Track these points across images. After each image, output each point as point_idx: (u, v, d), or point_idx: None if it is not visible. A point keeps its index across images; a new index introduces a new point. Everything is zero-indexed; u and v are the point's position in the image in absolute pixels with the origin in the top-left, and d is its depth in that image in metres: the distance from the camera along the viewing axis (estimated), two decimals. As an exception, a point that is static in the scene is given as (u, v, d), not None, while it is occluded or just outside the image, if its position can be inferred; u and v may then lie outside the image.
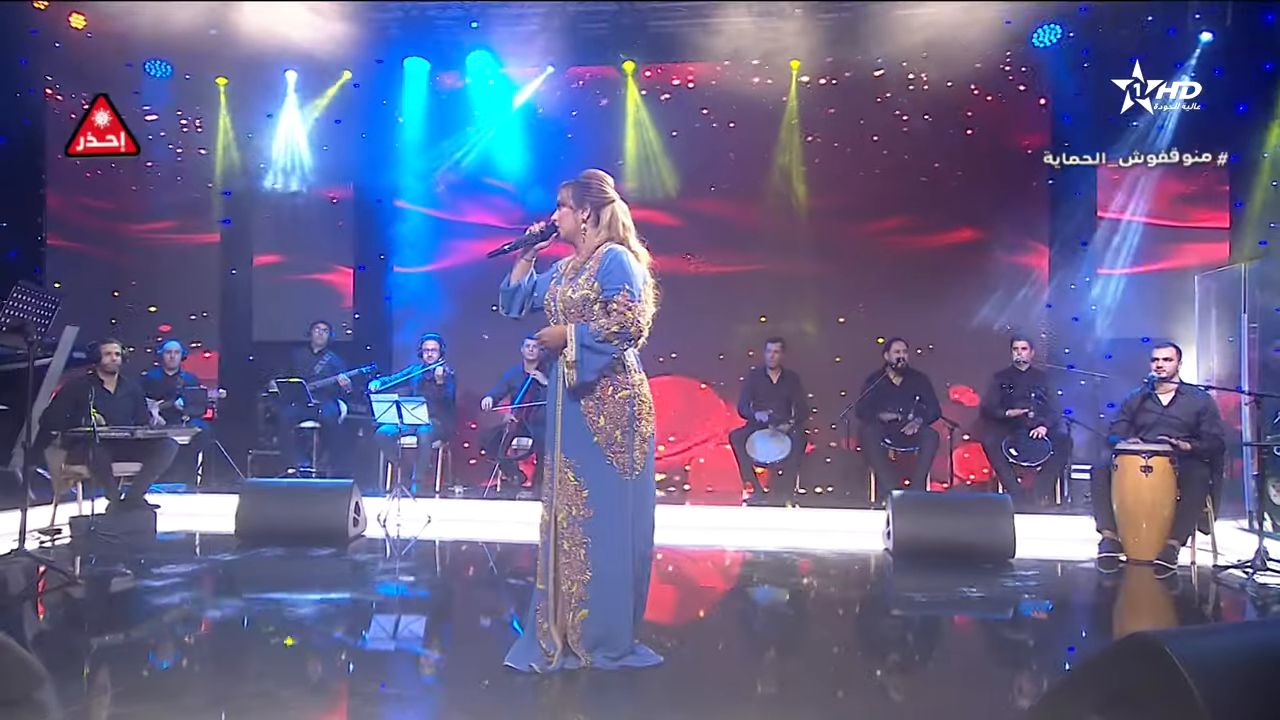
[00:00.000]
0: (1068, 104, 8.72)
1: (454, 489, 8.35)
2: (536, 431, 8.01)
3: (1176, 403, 6.17)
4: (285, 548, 6.13)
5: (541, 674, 3.44)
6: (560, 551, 3.53)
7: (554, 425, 3.56)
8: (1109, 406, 8.02)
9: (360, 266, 9.69)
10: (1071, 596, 5.57)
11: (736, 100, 9.03)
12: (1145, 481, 5.81)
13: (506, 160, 9.42)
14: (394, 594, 5.40)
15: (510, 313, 3.63)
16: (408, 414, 7.37)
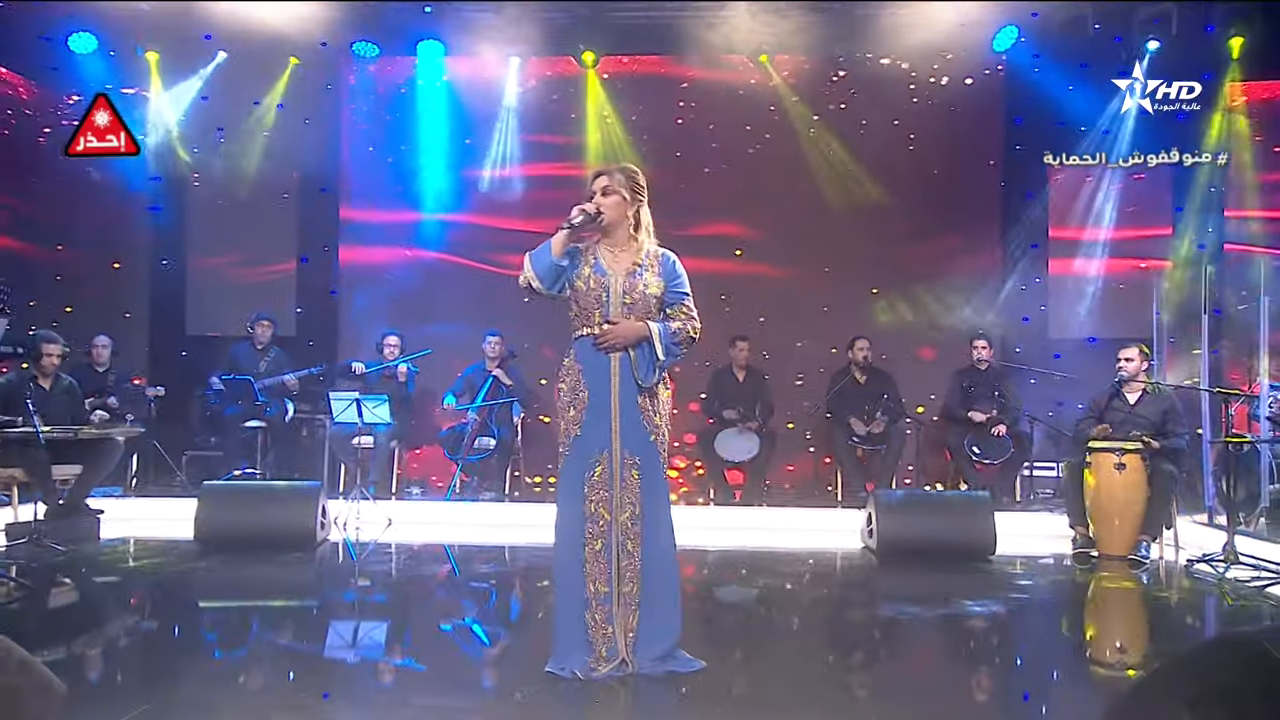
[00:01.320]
0: (1019, 105, 9.04)
1: (412, 490, 8.19)
2: (500, 432, 7.92)
3: (1143, 402, 6.44)
4: (250, 553, 5.91)
5: (585, 680, 3.39)
6: (624, 552, 3.48)
7: (610, 422, 3.50)
8: (1057, 404, 8.34)
9: (303, 258, 9.40)
10: (1060, 592, 5.73)
11: (708, 94, 9.08)
12: (1119, 479, 6.05)
13: (457, 151, 9.26)
14: (384, 600, 5.28)
15: (551, 289, 3.49)
16: (368, 412, 7.18)
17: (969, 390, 7.99)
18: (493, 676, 3.88)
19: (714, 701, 3.35)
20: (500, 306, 8.80)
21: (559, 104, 9.26)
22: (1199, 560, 5.77)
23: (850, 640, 4.64)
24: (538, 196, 9.00)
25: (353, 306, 9.23)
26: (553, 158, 9.19)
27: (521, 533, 7.20)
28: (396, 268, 9.15)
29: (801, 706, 3.36)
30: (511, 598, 5.41)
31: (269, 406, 8.18)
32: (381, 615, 5.01)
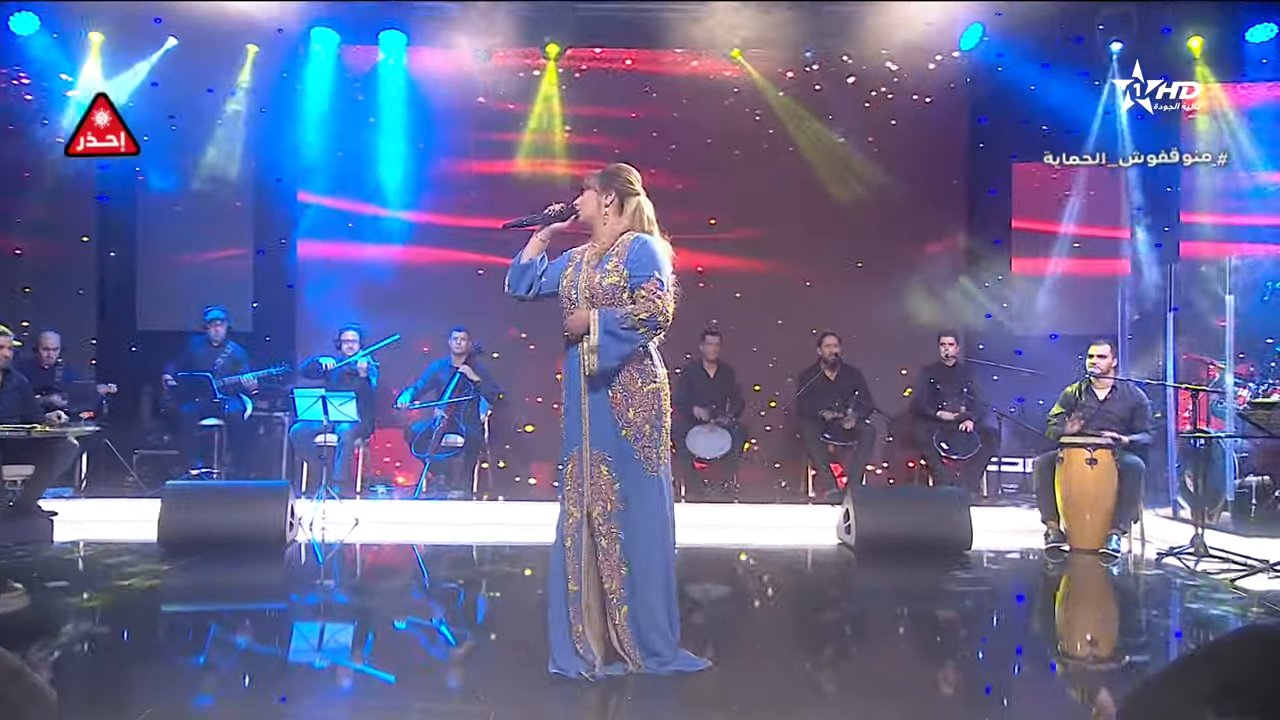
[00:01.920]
0: (983, 105, 9.19)
1: (376, 489, 8.07)
2: (467, 429, 7.84)
3: (1112, 397, 6.60)
4: (218, 555, 5.77)
5: (592, 679, 3.36)
6: (598, 549, 3.47)
7: (579, 418, 3.50)
8: (1018, 401, 8.50)
9: (260, 251, 9.18)
10: (1041, 585, 5.86)
11: (677, 88, 9.08)
12: (1090, 473, 6.19)
13: (420, 144, 9.13)
14: (355, 602, 5.20)
15: (518, 291, 3.55)
16: (334, 409, 7.06)
17: (937, 387, 8.10)
18: (463, 678, 3.85)
19: (720, 704, 3.35)
20: (466, 302, 8.77)
21: (526, 99, 9.17)
22: (1168, 553, 5.93)
23: (851, 638, 4.66)
24: (503, 192, 8.94)
25: (311, 300, 9.04)
26: (518, 153, 9.11)
27: (490, 531, 7.16)
28: (357, 261, 8.99)
29: (813, 707, 3.38)
30: (479, 598, 5.37)
31: (227, 404, 7.99)
32: (352, 617, 4.95)
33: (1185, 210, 9.02)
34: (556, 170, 8.96)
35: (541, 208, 3.67)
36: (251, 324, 9.04)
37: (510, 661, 3.87)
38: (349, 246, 9.09)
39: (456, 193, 9.12)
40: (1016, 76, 8.91)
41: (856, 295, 8.67)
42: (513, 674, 3.66)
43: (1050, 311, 8.97)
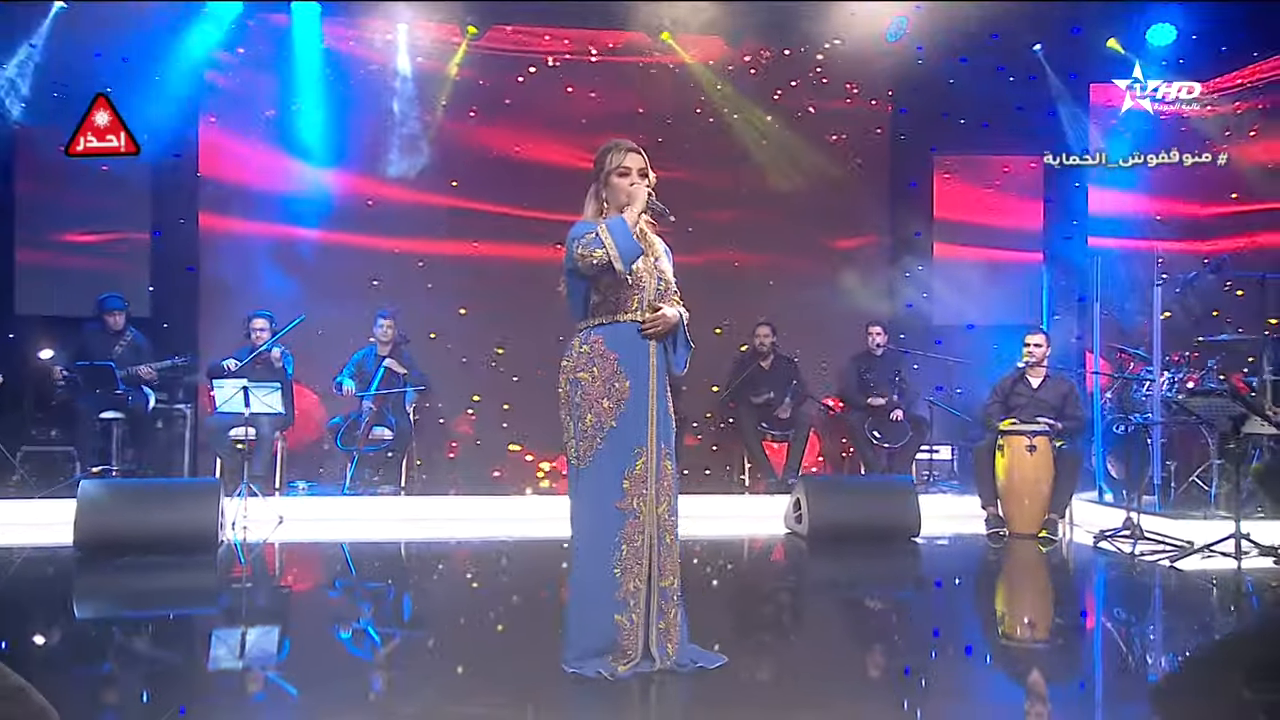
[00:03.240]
0: (904, 97, 9.48)
1: (297, 485, 7.78)
2: (395, 422, 7.63)
3: (1045, 386, 6.92)
4: (145, 558, 5.47)
5: (613, 680, 3.33)
6: (663, 546, 3.45)
7: (644, 414, 3.45)
8: (937, 389, 8.83)
9: (156, 231, 8.69)
10: (994, 569, 6.12)
11: (607, 73, 9.06)
12: (1029, 460, 6.49)
13: (333, 119, 8.81)
14: (298, 604, 5.01)
15: (627, 270, 3.39)
16: (256, 401, 6.76)
17: (866, 376, 8.32)
18: (477, 679, 3.75)
19: (751, 698, 3.38)
20: (387, 287, 8.55)
21: (444, 75, 8.96)
22: (1104, 536, 6.27)
23: (850, 630, 4.73)
24: (428, 172, 8.78)
25: (214, 284, 8.62)
26: (444, 132, 8.91)
27: (419, 528, 7.02)
28: (266, 242, 8.61)
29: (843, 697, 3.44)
30: (405, 596, 5.29)
31: (130, 396, 7.55)
32: (299, 620, 4.79)
33: (1094, 205, 9.52)
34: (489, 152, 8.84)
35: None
36: (150, 310, 8.57)
37: (524, 661, 3.80)
38: (257, 225, 8.69)
39: (375, 172, 8.84)
40: (937, 70, 9.25)
41: (788, 285, 8.83)
42: (528, 673, 3.58)
43: (968, 302, 9.34)
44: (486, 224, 8.88)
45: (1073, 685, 3.79)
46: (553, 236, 8.64)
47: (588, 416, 3.44)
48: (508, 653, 3.98)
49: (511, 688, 3.39)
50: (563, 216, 3.87)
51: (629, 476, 3.42)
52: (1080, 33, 9.36)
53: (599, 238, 3.37)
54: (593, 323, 3.51)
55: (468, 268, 8.85)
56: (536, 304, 8.56)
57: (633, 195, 3.47)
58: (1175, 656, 4.00)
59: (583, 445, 3.45)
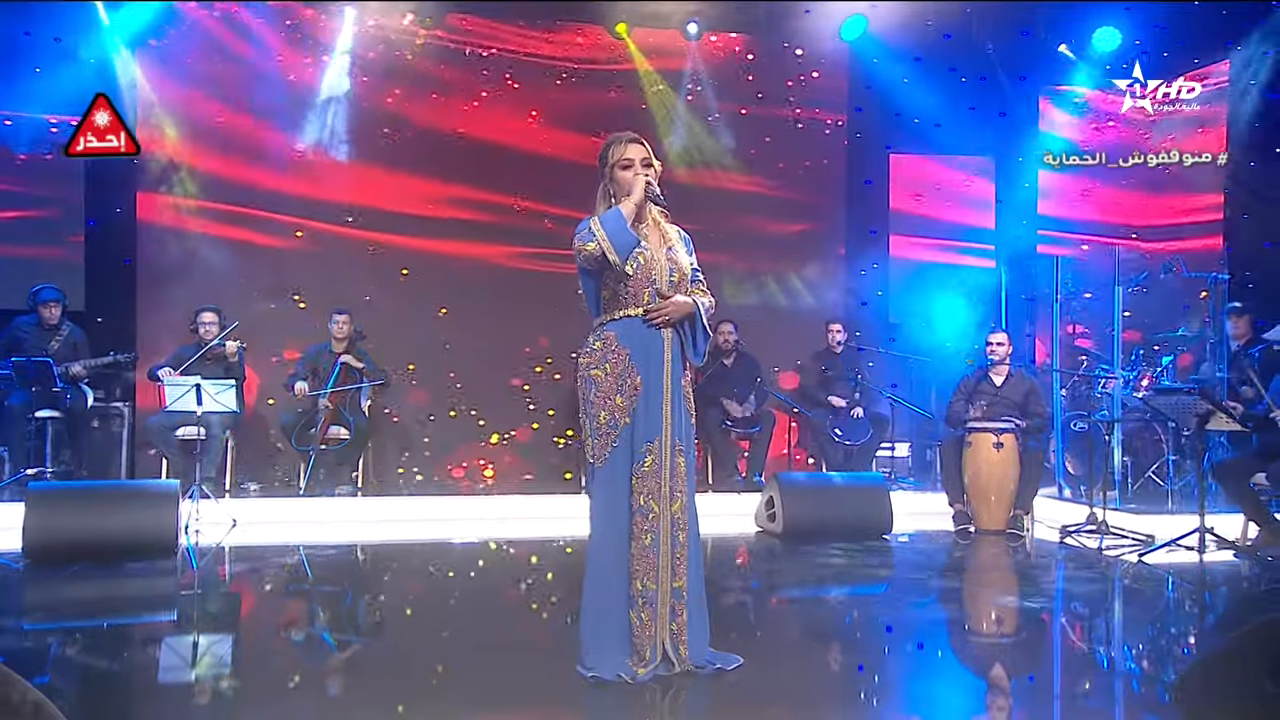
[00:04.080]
0: (860, 95, 9.61)
1: (249, 486, 7.57)
2: (353, 420, 7.48)
3: (1008, 383, 7.08)
4: (101, 565, 5.27)
5: (632, 682, 3.31)
6: (675, 544, 3.42)
7: (659, 408, 3.42)
8: (892, 386, 8.98)
9: (90, 221, 8.35)
10: (977, 566, 6.23)
11: (554, 67, 8.99)
12: (996, 457, 6.64)
13: (279, 102, 8.57)
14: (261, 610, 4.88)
15: (623, 263, 3.35)
16: (210, 399, 6.55)
17: (827, 373, 8.42)
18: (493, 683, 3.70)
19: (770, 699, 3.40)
20: (343, 282, 8.36)
21: (391, 59, 8.79)
22: (1071, 531, 6.45)
23: (862, 630, 4.76)
24: (378, 163, 8.64)
25: (153, 276, 8.32)
26: (392, 121, 8.75)
27: (378, 529, 6.91)
28: (206, 232, 8.34)
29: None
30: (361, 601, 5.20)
31: (69, 394, 7.25)
32: (259, 626, 4.65)
33: (1042, 205, 9.78)
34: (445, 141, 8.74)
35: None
36: (84, 303, 8.24)
37: (539, 666, 3.76)
38: (199, 216, 8.41)
39: (322, 160, 8.64)
40: (891, 69, 9.41)
41: (747, 283, 8.89)
42: (546, 678, 3.55)
43: (923, 300, 9.51)
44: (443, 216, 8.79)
45: (1080, 681, 3.89)
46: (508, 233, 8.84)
47: (601, 414, 3.41)
48: (520, 658, 3.93)
49: (531, 694, 3.35)
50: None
51: (638, 473, 3.39)
52: (1029, 35, 9.63)
53: (592, 231, 3.36)
54: (605, 319, 3.48)
55: (425, 259, 8.72)
56: (499, 301, 8.65)
57: (630, 186, 3.45)
58: (1179, 650, 4.16)
59: (597, 443, 3.42)
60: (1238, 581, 5.51)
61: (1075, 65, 9.52)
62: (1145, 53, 9.38)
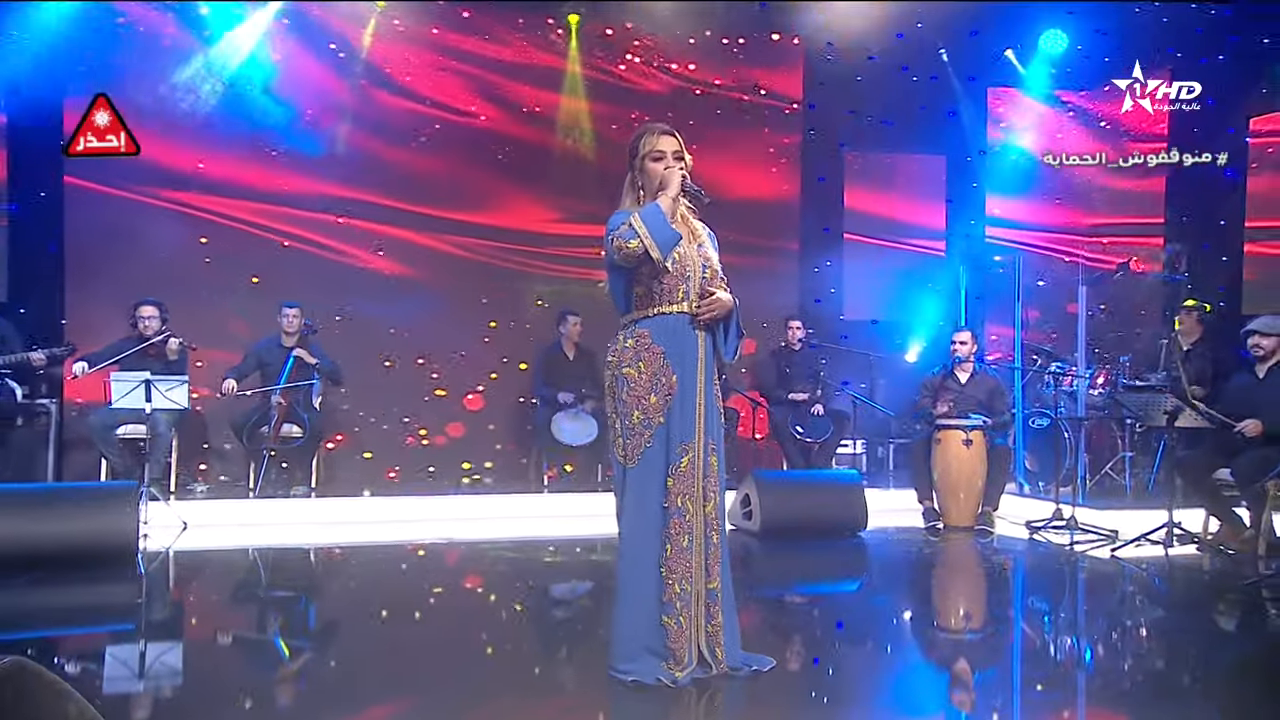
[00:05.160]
0: (815, 93, 9.73)
1: (193, 487, 7.30)
2: (306, 417, 7.27)
3: (973, 381, 7.25)
4: (59, 572, 5.02)
5: (672, 686, 3.29)
6: (709, 546, 3.41)
7: (695, 408, 3.40)
8: (844, 384, 9.12)
9: (13, 206, 7.95)
10: (957, 563, 6.36)
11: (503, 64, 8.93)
12: (966, 454, 6.79)
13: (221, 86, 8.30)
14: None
15: (666, 259, 3.32)
16: (160, 396, 6.29)
17: (786, 370, 8.51)
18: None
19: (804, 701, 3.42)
20: (286, 274, 8.14)
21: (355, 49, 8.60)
22: (1038, 528, 6.64)
23: (880, 627, 4.81)
24: (322, 150, 8.46)
25: (82, 266, 7.96)
26: (335, 104, 8.56)
27: (331, 531, 6.74)
28: (146, 221, 8.02)
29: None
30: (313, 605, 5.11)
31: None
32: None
33: (990, 204, 10.05)
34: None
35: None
36: (7, 293, 7.85)
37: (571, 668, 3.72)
38: (134, 203, 8.08)
39: (263, 146, 8.39)
40: (846, 67, 9.55)
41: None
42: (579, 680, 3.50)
43: (876, 297, 9.70)
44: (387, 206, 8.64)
45: (1081, 674, 4.01)
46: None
47: (634, 413, 3.38)
48: (552, 658, 3.89)
49: (566, 695, 3.31)
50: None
51: (674, 474, 3.37)
52: (977, 35, 9.88)
53: (633, 228, 3.30)
54: (637, 316, 3.45)
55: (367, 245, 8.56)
56: (456, 296, 8.55)
57: (666, 179, 3.40)
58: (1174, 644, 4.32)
59: (630, 443, 3.38)
60: (1213, 576, 5.71)
61: (1024, 67, 9.82)
62: (1088, 57, 9.76)
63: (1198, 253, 9.19)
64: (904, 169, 10.00)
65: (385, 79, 8.68)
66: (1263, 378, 6.23)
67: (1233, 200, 9.13)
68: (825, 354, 8.92)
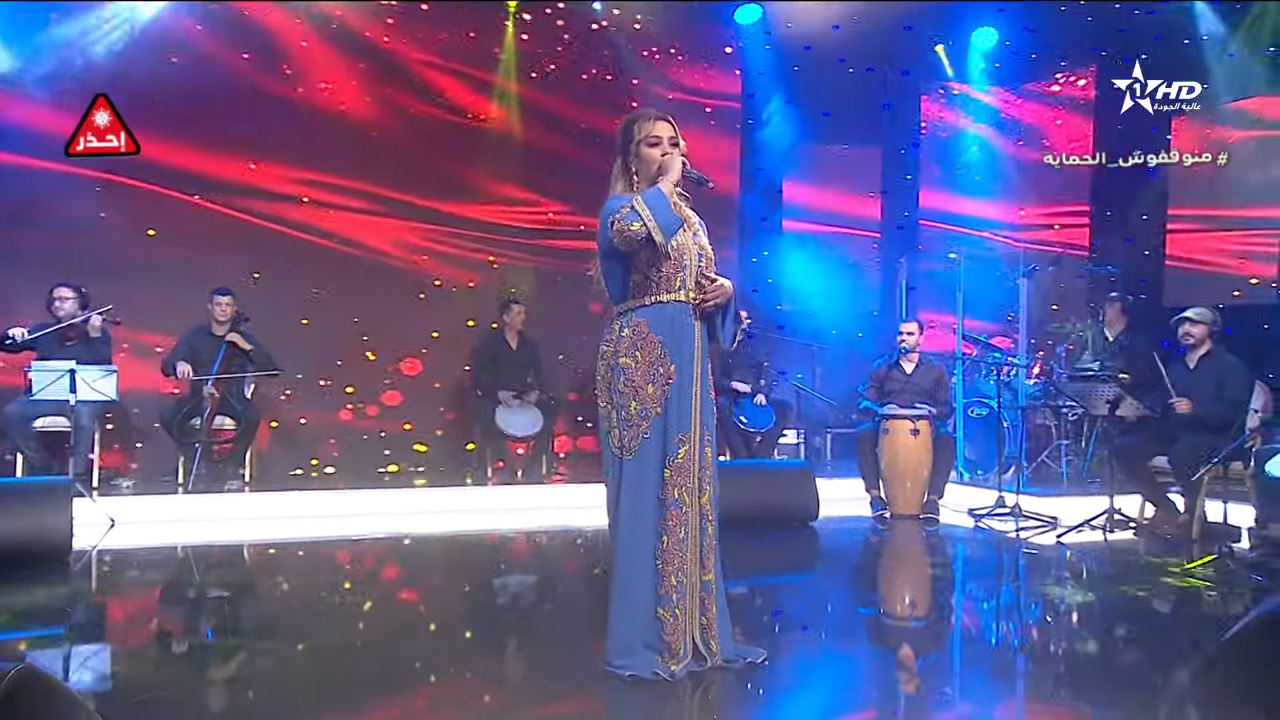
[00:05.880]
0: (753, 80, 9.80)
1: (119, 483, 7.00)
2: (240, 409, 7.04)
3: (918, 371, 7.39)
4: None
5: (669, 680, 3.27)
6: (704, 537, 3.40)
7: (691, 398, 3.38)
8: (780, 374, 9.24)
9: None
10: (901, 550, 6.48)
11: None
12: (913, 443, 6.92)
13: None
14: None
15: (668, 244, 3.30)
16: (85, 387, 6.03)
17: (730, 360, 8.54)
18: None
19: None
20: (218, 261, 7.86)
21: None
22: (983, 515, 6.81)
23: (844, 616, 4.85)
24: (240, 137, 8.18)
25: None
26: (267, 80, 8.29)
27: (267, 527, 6.56)
28: (49, 192, 7.59)
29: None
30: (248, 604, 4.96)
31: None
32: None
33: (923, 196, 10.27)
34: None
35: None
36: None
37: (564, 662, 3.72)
38: (45, 180, 7.67)
39: (194, 118, 8.07)
40: (783, 57, 9.64)
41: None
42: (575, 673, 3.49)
43: (813, 288, 9.82)
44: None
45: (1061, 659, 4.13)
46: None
47: (631, 404, 3.34)
48: (542, 654, 3.88)
49: (563, 689, 3.30)
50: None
51: (671, 465, 3.35)
52: (911, 30, 10.05)
53: (635, 211, 3.25)
54: (633, 304, 3.41)
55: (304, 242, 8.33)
56: (385, 286, 8.38)
57: (667, 165, 3.38)
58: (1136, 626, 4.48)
59: (626, 435, 3.35)
60: (1150, 559, 5.92)
61: (954, 63, 10.05)
62: (1015, 53, 10.03)
63: (1121, 246, 9.54)
64: (841, 160, 10.12)
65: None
66: (1193, 367, 6.47)
67: (1155, 195, 9.46)
68: (764, 344, 8.99)
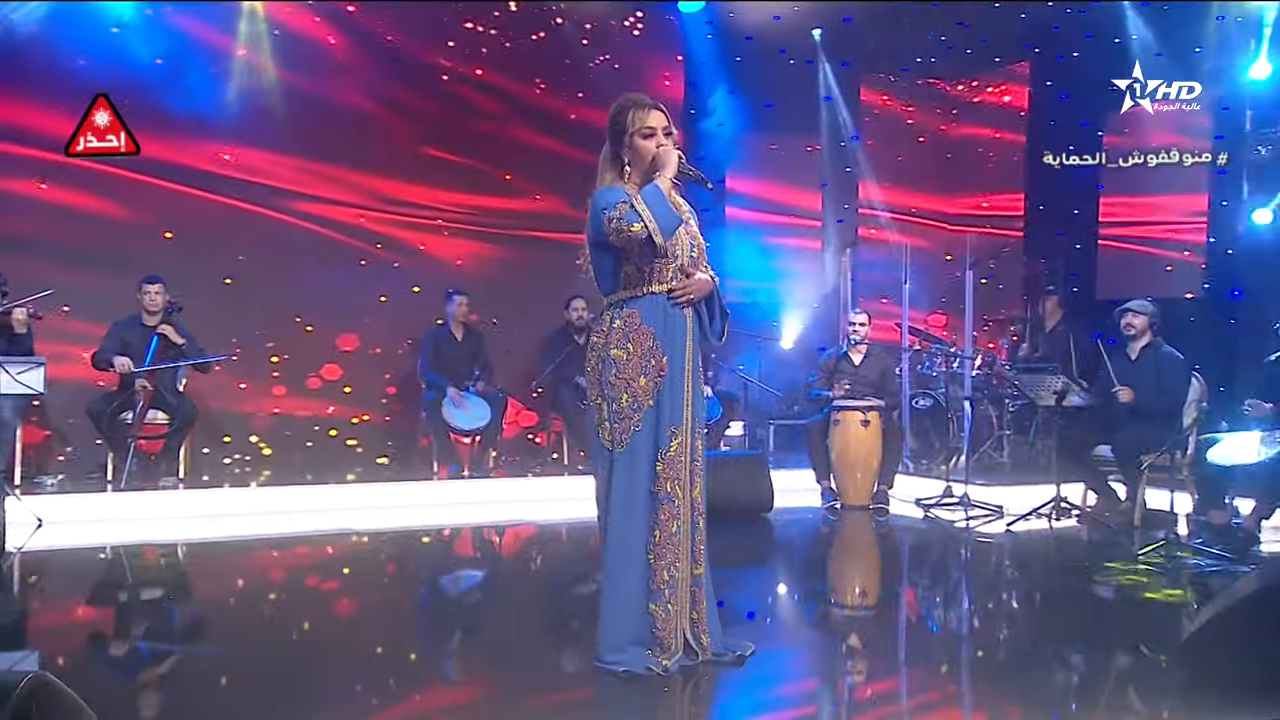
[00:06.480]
0: (696, 70, 9.82)
1: (43, 480, 6.71)
2: (175, 402, 6.80)
3: (866, 363, 7.48)
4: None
5: (662, 675, 3.25)
6: (696, 531, 3.38)
7: (683, 391, 3.35)
8: (719, 365, 9.28)
9: None
10: (861, 539, 6.56)
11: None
12: (863, 434, 7.00)
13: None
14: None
15: (667, 241, 3.26)
16: (9, 381, 5.75)
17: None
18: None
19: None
20: (147, 248, 7.57)
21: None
22: (934, 504, 6.93)
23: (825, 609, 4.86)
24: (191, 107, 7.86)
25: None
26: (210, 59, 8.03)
27: (203, 525, 6.37)
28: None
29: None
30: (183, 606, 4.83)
31: None
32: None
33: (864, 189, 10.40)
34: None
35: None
36: None
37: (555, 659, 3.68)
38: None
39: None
40: (725, 47, 9.68)
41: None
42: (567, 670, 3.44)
43: (755, 278, 9.87)
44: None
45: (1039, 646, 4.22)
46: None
47: (623, 397, 3.30)
48: (529, 652, 3.83)
49: (553, 685, 3.28)
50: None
51: (663, 459, 3.31)
52: (850, 23, 10.16)
53: (635, 210, 3.20)
54: (625, 296, 3.36)
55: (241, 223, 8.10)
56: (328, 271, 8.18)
57: (664, 160, 3.33)
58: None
59: (618, 428, 3.31)
60: (1093, 546, 6.10)
61: (894, 56, 10.19)
62: (950, 48, 10.22)
63: (1054, 240, 9.80)
64: (782, 151, 10.19)
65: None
66: (1135, 359, 6.67)
67: (1088, 191, 9.73)
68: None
